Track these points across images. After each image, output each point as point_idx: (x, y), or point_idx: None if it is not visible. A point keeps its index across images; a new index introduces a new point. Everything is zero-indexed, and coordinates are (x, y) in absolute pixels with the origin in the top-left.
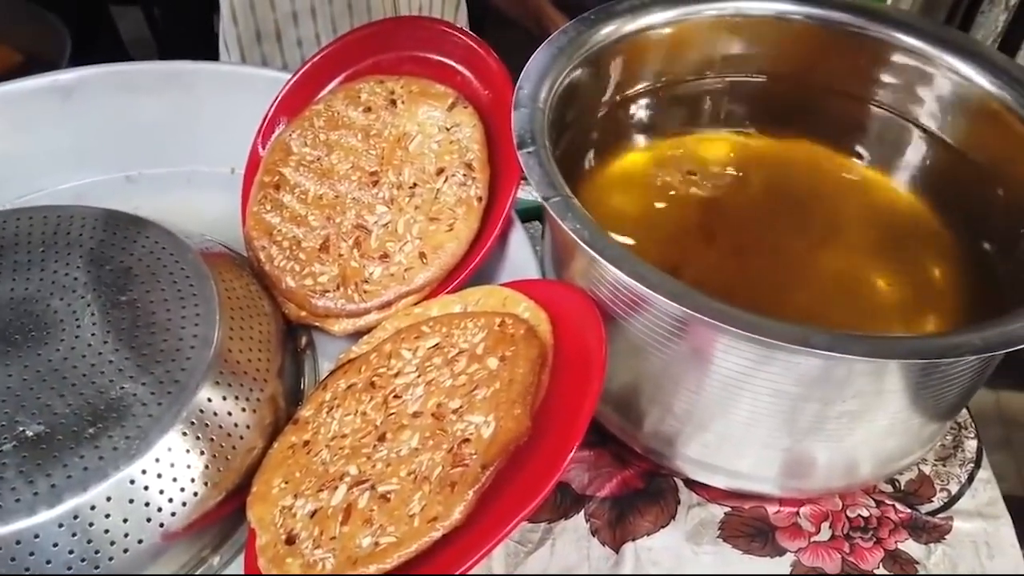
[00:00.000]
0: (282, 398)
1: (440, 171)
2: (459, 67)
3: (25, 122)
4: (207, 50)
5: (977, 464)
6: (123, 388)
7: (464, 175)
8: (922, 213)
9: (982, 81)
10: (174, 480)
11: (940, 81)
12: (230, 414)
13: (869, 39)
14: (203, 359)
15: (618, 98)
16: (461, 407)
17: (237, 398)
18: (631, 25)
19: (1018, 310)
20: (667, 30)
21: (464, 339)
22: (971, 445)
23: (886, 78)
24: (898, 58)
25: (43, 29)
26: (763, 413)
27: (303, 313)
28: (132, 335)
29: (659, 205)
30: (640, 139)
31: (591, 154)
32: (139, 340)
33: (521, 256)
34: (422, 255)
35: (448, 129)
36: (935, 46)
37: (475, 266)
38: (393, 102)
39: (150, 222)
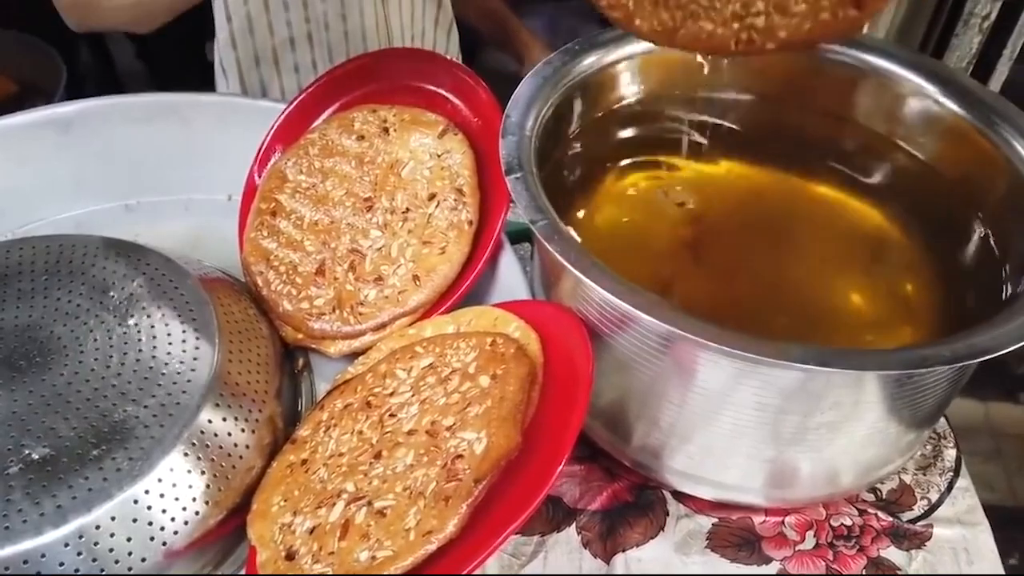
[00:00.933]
0: (280, 419)
1: (432, 196)
2: (450, 96)
3: (25, 154)
4: (200, 77)
5: (956, 473)
6: (126, 411)
7: (455, 200)
8: (898, 231)
9: (950, 103)
10: (176, 499)
11: (912, 104)
12: (230, 434)
13: (844, 65)
14: (203, 381)
15: (602, 124)
16: (454, 424)
17: (237, 419)
18: (613, 55)
19: (985, 324)
20: (647, 58)
21: (457, 358)
22: (950, 454)
23: (861, 101)
24: (872, 82)
25: (38, 59)
26: (745, 425)
27: (300, 335)
28: (134, 359)
29: (643, 227)
30: (624, 163)
31: (577, 178)
32: (141, 364)
33: (511, 277)
34: (415, 278)
35: (439, 156)
36: (906, 68)
37: (467, 288)
38: (386, 130)
39: (150, 249)
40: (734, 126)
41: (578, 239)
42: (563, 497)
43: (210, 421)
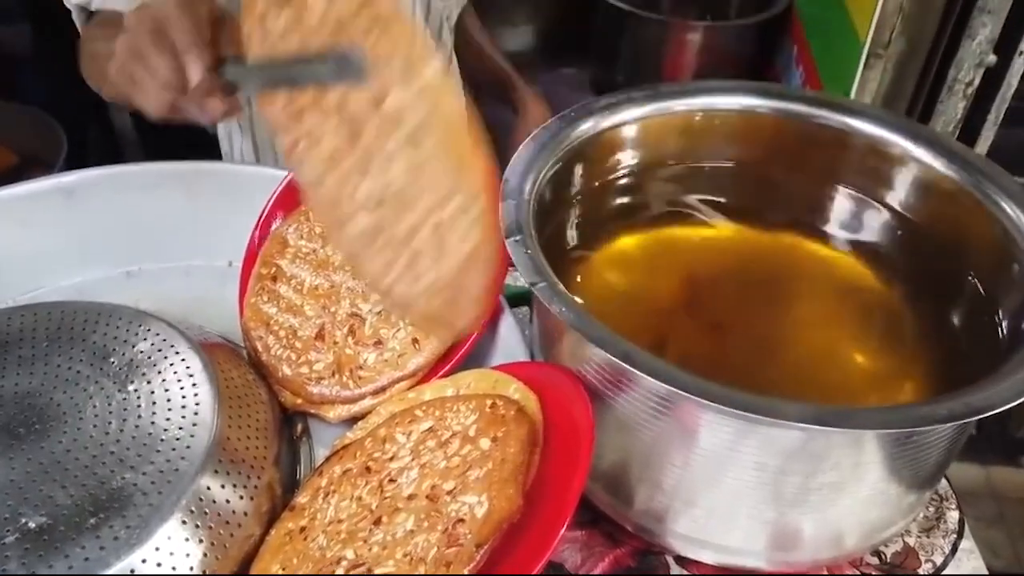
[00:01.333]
0: (279, 485)
1: None
2: None
3: (29, 222)
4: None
5: (959, 535)
6: (124, 478)
7: None
8: (891, 290)
9: (938, 165)
10: (173, 569)
11: (900, 166)
12: (228, 501)
13: (832, 129)
14: (202, 447)
15: (598, 186)
16: (455, 488)
17: (235, 486)
18: (608, 121)
19: (983, 381)
20: (642, 124)
21: (457, 421)
22: (953, 516)
23: (850, 163)
24: (859, 145)
25: (39, 130)
26: (747, 486)
27: (299, 400)
28: (134, 425)
29: (639, 290)
30: (620, 224)
31: (575, 240)
32: (140, 430)
33: (511, 340)
34: (415, 341)
35: None
36: (893, 132)
37: (466, 351)
38: None
39: (151, 316)
40: (728, 190)
41: (576, 301)
42: (565, 563)
43: (209, 488)
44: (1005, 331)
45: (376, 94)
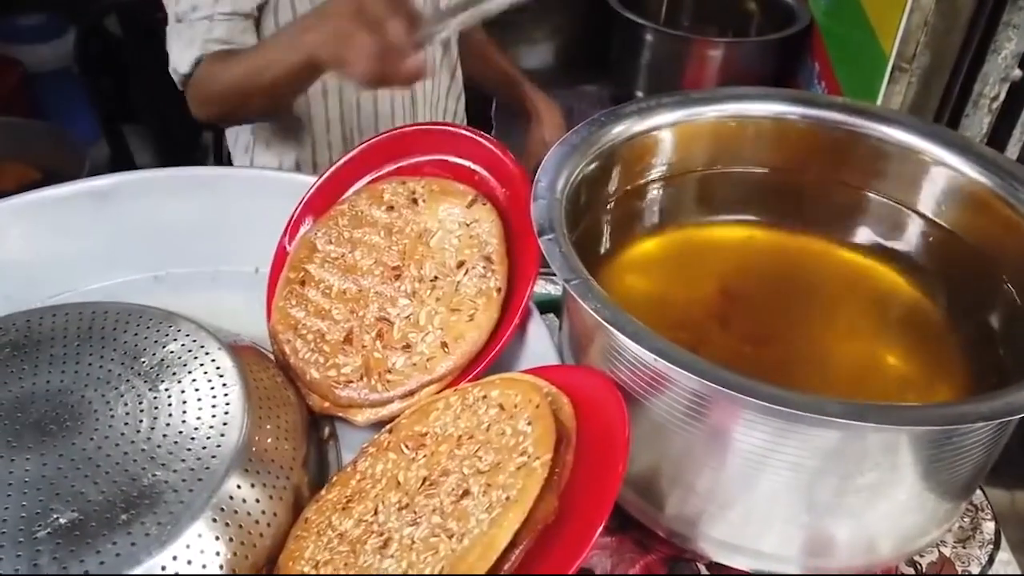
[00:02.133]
0: (307, 487)
1: (460, 264)
2: (477, 167)
3: (60, 225)
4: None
5: (996, 545)
6: (155, 475)
7: (484, 268)
8: (926, 295)
9: (969, 171)
10: (203, 567)
11: (932, 171)
12: (258, 501)
13: (863, 135)
14: (232, 448)
15: (629, 189)
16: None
17: (264, 486)
18: (639, 126)
19: (1020, 382)
20: (674, 129)
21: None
22: (989, 527)
23: (881, 170)
24: (891, 151)
25: (61, 148)
26: (783, 489)
27: (327, 404)
28: (164, 424)
29: (670, 293)
30: (651, 227)
31: (605, 242)
32: (171, 428)
33: (540, 344)
34: (444, 345)
35: (468, 224)
36: (924, 139)
37: (495, 354)
38: (415, 200)
39: (181, 317)
40: (760, 196)
41: (610, 298)
42: (595, 569)
43: (239, 487)
44: None
45: None
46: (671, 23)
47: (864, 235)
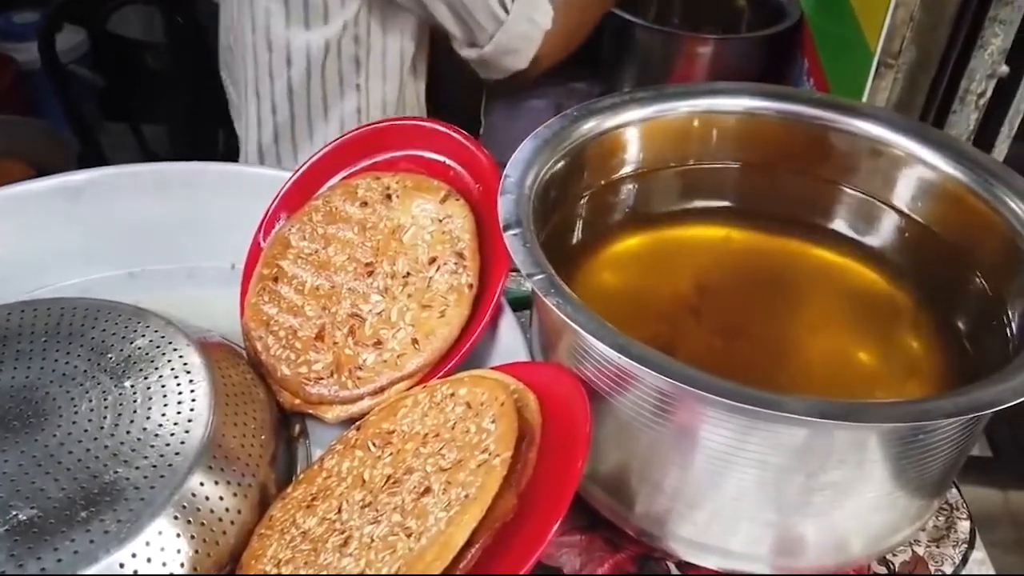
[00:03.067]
0: (274, 485)
1: (432, 260)
2: (451, 162)
3: (35, 222)
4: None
5: (971, 545)
6: (117, 472)
7: (455, 264)
8: (900, 291)
9: (944, 166)
10: (164, 565)
11: (906, 166)
12: (221, 499)
13: (836, 130)
14: (196, 444)
15: (602, 184)
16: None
17: (229, 483)
18: (611, 121)
19: (988, 379)
20: (645, 125)
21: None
22: (964, 526)
23: (855, 165)
24: (864, 146)
25: (54, 145)
26: (750, 487)
27: (297, 401)
28: (128, 421)
29: (643, 291)
30: (624, 223)
31: (578, 237)
32: (135, 425)
33: (511, 341)
34: (415, 341)
35: (440, 220)
36: (899, 133)
37: (467, 351)
38: (389, 196)
39: (150, 313)
40: (733, 192)
41: (573, 294)
42: (563, 568)
43: (202, 484)
44: (1015, 332)
45: None
46: (661, 20)
47: (839, 229)
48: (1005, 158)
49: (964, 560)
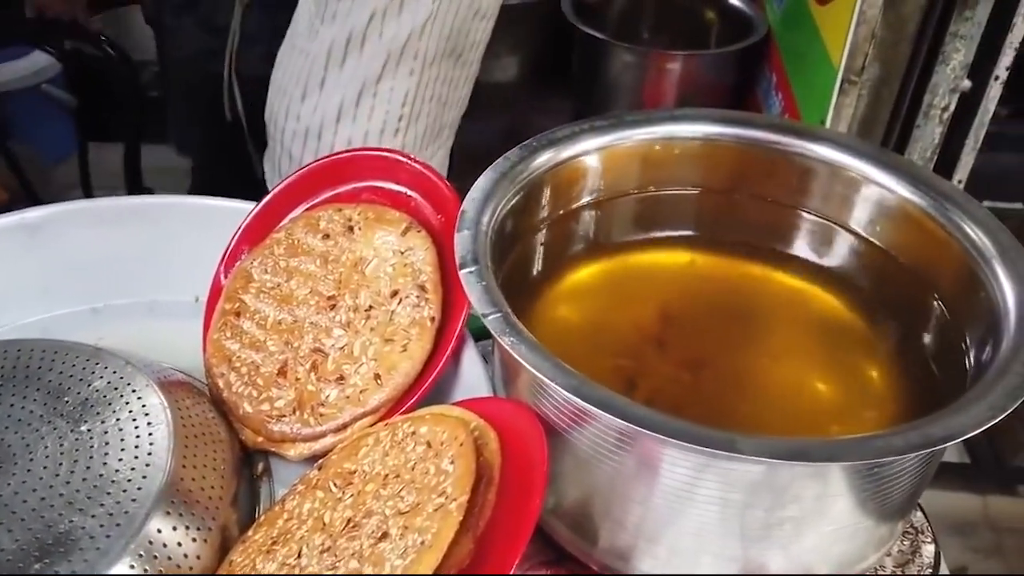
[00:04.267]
0: (235, 526)
1: (395, 293)
2: (413, 193)
3: None
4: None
5: (935, 568)
6: (72, 521)
7: (418, 296)
8: (860, 317)
9: (900, 189)
10: None
11: (863, 190)
12: (180, 544)
13: (795, 155)
14: (154, 488)
15: (562, 214)
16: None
17: (188, 527)
18: (569, 151)
19: (941, 411)
20: (603, 153)
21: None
22: (928, 550)
23: (816, 190)
24: (824, 171)
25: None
26: (710, 522)
27: (260, 439)
28: (85, 466)
29: (605, 322)
30: (585, 254)
31: (538, 273)
32: (91, 471)
33: (473, 375)
34: (377, 376)
35: (402, 252)
36: (855, 157)
37: (429, 385)
38: (351, 228)
39: (108, 353)
40: (693, 218)
41: (529, 333)
42: None
43: (160, 531)
44: (972, 359)
45: None
46: (630, 37)
47: (800, 254)
48: (971, 170)
49: None
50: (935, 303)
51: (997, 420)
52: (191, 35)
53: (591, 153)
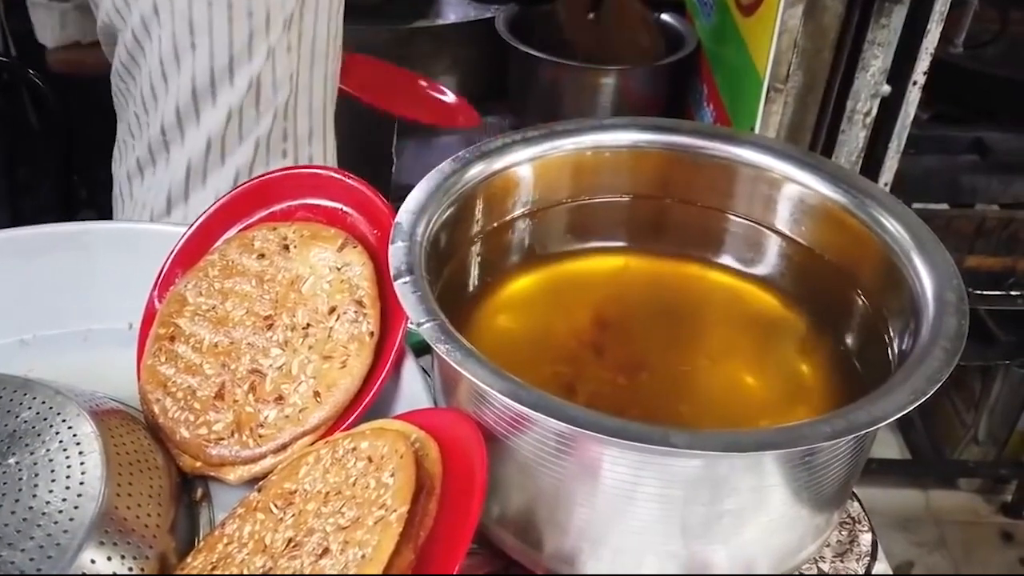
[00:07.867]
0: (173, 554)
1: (332, 310)
2: (348, 209)
3: None
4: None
5: (873, 557)
6: (1, 556)
7: (356, 312)
8: (791, 314)
9: (821, 187)
10: None
11: (786, 190)
12: (115, 574)
13: (720, 159)
14: (87, 519)
15: (496, 225)
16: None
17: (124, 557)
18: (501, 162)
19: (865, 398)
20: (535, 164)
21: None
22: (866, 539)
23: (741, 192)
24: (747, 173)
25: None
26: (653, 520)
27: (198, 464)
28: (13, 500)
29: (543, 330)
30: (521, 264)
31: (475, 282)
32: (20, 504)
33: (414, 388)
34: (316, 394)
35: (339, 269)
36: (776, 158)
37: (370, 400)
38: (286, 247)
39: (36, 383)
40: (626, 225)
41: (464, 340)
42: None
43: (94, 562)
44: (894, 349)
45: None
46: (564, 52)
47: (730, 256)
48: (896, 173)
49: (868, 573)
50: (859, 298)
51: (918, 404)
52: None
53: (523, 164)
